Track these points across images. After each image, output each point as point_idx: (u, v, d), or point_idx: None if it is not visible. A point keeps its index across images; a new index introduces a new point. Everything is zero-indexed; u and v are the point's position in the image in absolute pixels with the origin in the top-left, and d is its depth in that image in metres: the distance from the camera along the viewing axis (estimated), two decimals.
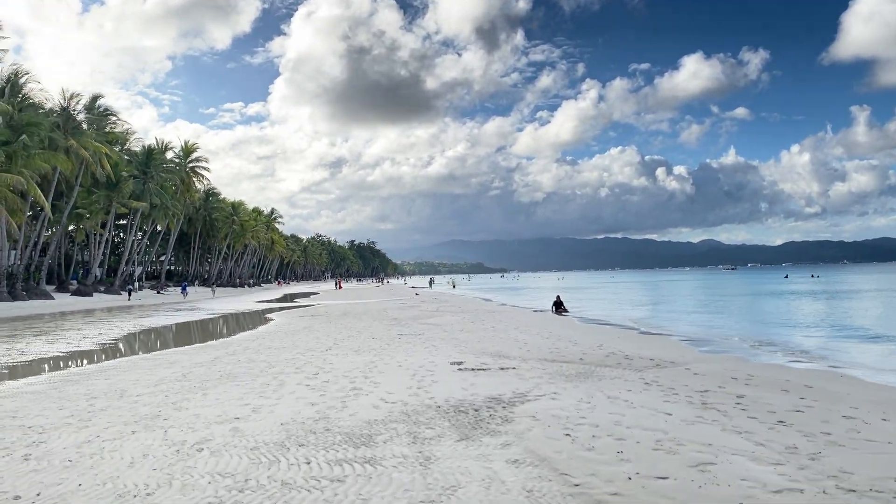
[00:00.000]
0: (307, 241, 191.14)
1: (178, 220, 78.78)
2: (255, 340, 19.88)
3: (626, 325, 26.20)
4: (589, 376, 11.93)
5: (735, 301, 46.67)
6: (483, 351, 15.72)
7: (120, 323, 30.02)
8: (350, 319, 28.47)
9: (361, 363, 13.81)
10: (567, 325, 24.09)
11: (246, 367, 13.55)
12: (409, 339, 18.84)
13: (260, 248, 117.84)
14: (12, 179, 38.71)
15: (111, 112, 57.63)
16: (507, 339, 18.34)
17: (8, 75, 44.89)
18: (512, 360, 14.16)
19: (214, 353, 16.70)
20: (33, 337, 23.05)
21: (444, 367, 13.02)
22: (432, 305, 39.70)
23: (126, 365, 14.89)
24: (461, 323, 24.86)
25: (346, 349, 16.62)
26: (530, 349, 15.95)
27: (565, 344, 17.08)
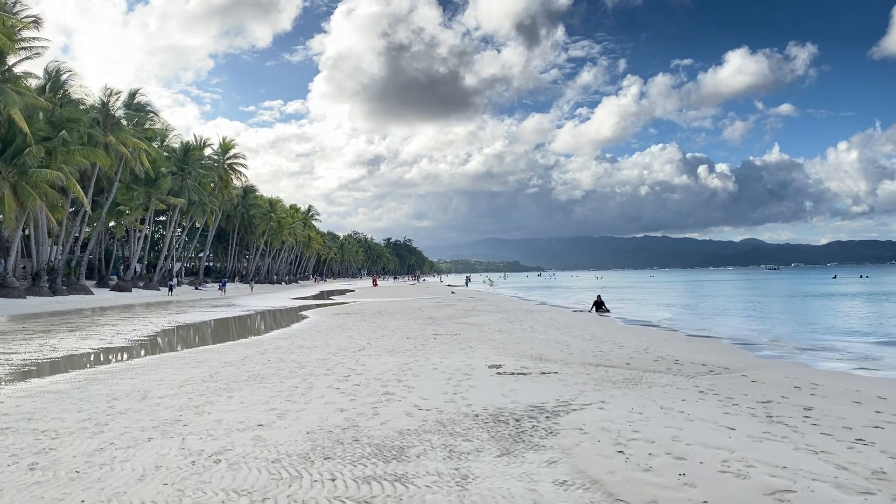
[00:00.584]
0: (344, 238, 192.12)
1: (216, 216, 79.33)
2: (287, 339, 19.41)
3: (670, 326, 25.17)
4: (637, 383, 11.12)
5: (783, 302, 45.04)
6: (522, 353, 14.97)
7: (155, 319, 29.94)
8: (385, 318, 27.93)
9: (395, 365, 13.18)
10: (609, 327, 23.17)
11: (275, 368, 13.02)
12: (444, 340, 18.17)
13: (297, 245, 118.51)
14: (52, 175, 39.05)
15: (150, 108, 58.02)
16: (548, 341, 17.55)
17: (49, 72, 45.39)
18: (553, 363, 13.38)
19: (245, 351, 16.23)
20: (68, 332, 22.95)
21: (481, 371, 12.32)
22: (468, 304, 39.00)
23: (154, 363, 14.48)
24: (498, 323, 24.11)
25: (380, 349, 16.01)
26: (573, 352, 15.15)
27: (609, 347, 16.23)
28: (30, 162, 38.42)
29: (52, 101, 43.39)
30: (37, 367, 14.48)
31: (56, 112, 43.12)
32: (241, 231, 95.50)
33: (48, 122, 42.57)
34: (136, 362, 14.95)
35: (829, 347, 17.93)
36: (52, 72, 45.36)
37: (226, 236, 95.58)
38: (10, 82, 37.03)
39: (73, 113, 44.39)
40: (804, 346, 18.00)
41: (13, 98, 35.93)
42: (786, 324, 26.97)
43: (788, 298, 50.60)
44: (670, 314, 33.05)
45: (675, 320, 28.47)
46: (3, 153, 38.92)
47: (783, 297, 53.73)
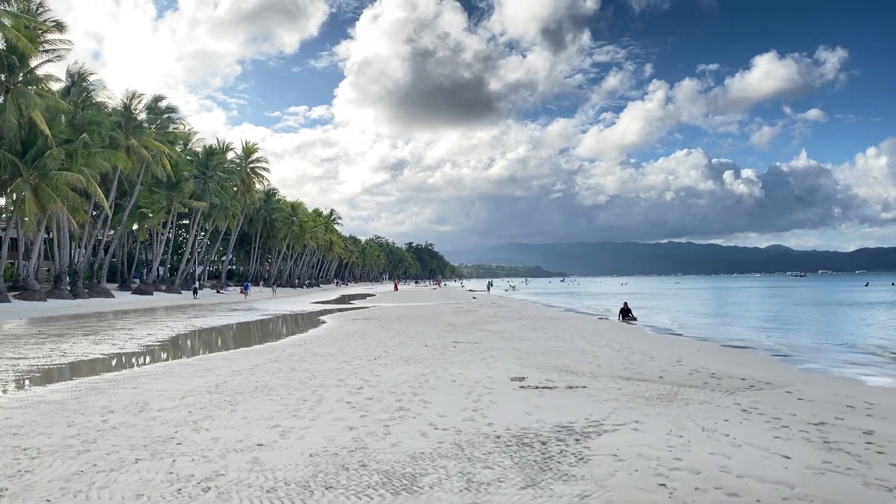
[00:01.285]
0: (365, 242, 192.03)
1: (238, 220, 79.27)
2: (301, 345, 18.74)
3: (701, 336, 24.13)
4: (673, 399, 10.24)
5: (816, 311, 43.60)
6: (547, 364, 14.12)
7: (173, 323, 29.49)
8: (404, 324, 27.19)
9: (411, 376, 12.41)
10: (638, 336, 22.20)
11: (285, 378, 12.31)
12: (464, 348, 17.37)
13: (319, 248, 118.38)
14: (72, 177, 38.91)
15: (173, 112, 57.99)
16: (574, 351, 16.67)
17: (72, 74, 45.41)
18: (581, 376, 12.53)
19: (256, 359, 15.57)
20: (82, 336, 22.52)
21: (503, 384, 11.51)
22: (490, 310, 38.15)
23: (161, 371, 13.87)
24: (521, 330, 23.25)
25: (396, 358, 15.26)
26: (601, 363, 14.27)
27: (640, 358, 15.32)
28: (51, 164, 38.33)
29: (75, 103, 43.34)
30: (41, 374, 13.94)
31: (78, 115, 43.07)
32: (263, 235, 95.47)
33: (70, 124, 42.54)
34: (143, 370, 14.34)
35: (873, 361, 16.84)
36: (74, 74, 45.37)
37: (248, 240, 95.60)
38: (32, 84, 36.94)
39: (95, 116, 44.34)
40: (848, 359, 16.91)
41: (35, 100, 35.84)
42: (823, 334, 25.78)
43: (822, 307, 49.07)
44: (700, 323, 31.93)
45: (705, 329, 27.40)
46: (24, 155, 38.86)
47: (816, 305, 52.16)
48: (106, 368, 14.87)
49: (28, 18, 36.32)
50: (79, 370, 14.57)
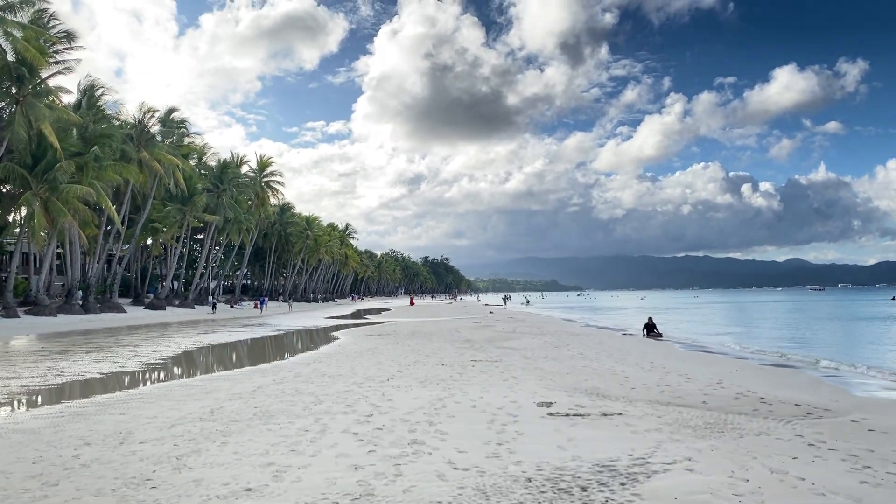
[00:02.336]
0: (381, 256, 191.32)
1: (253, 234, 78.66)
2: (310, 364, 17.63)
3: (734, 352, 22.79)
4: (723, 430, 9.00)
5: (845, 326, 41.96)
6: (575, 387, 12.91)
7: (181, 339, 28.53)
8: (419, 340, 26.04)
9: (427, 401, 11.25)
10: (668, 354, 20.88)
11: (288, 403, 11.19)
12: (483, 368, 16.18)
13: (334, 263, 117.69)
14: (82, 191, 38.26)
15: (185, 125, 57.48)
16: (602, 371, 15.43)
17: (84, 88, 44.96)
18: (614, 401, 11.31)
19: (260, 379, 14.47)
20: (84, 354, 21.58)
21: (529, 410, 10.31)
22: (508, 325, 36.89)
23: (156, 394, 12.81)
24: (543, 347, 22.00)
25: (411, 379, 14.10)
26: (634, 386, 13.03)
27: (676, 379, 14.06)
28: (60, 177, 37.72)
29: (86, 116, 42.82)
30: (28, 397, 12.94)
31: (89, 128, 42.52)
32: (278, 249, 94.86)
33: (80, 137, 41.98)
34: (137, 392, 13.29)
35: None
36: (86, 88, 44.91)
37: (263, 254, 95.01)
38: (42, 97, 36.39)
39: (106, 129, 43.79)
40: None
41: (44, 112, 35.26)
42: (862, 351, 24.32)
43: (850, 322, 47.34)
44: (727, 339, 30.49)
45: (736, 345, 26.00)
46: (34, 168, 38.29)
47: (843, 320, 50.39)
48: (99, 390, 13.84)
49: (38, 30, 35.83)
50: (69, 392, 13.55)
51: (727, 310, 78.58)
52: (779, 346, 26.22)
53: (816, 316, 56.75)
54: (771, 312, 67.82)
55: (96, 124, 43.39)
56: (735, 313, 67.98)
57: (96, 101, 45.36)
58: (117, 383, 14.96)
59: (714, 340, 29.02)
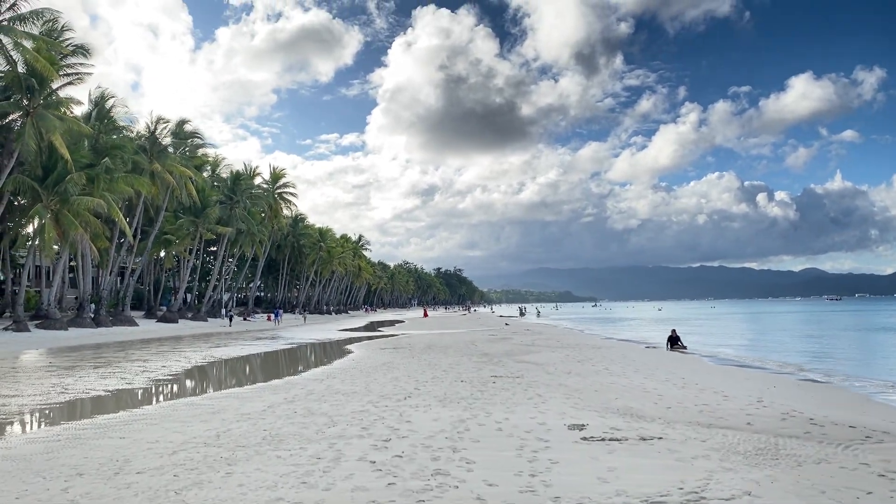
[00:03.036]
0: (394, 268, 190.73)
1: (265, 246, 78.26)
2: (324, 381, 16.88)
3: (764, 366, 21.82)
4: (777, 456, 8.15)
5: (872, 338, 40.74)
6: (606, 406, 12.07)
7: (192, 353, 27.90)
8: (435, 354, 25.24)
9: (448, 422, 10.46)
10: (697, 368, 19.97)
11: (299, 425, 10.43)
12: (505, 385, 15.35)
13: (347, 274, 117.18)
14: (93, 202, 37.80)
15: (197, 136, 57.10)
16: (632, 388, 14.56)
17: (95, 98, 44.67)
18: (651, 422, 10.47)
19: (271, 398, 13.74)
20: (92, 369, 20.95)
21: (560, 434, 9.50)
22: (526, 338, 36.01)
23: (160, 414, 12.10)
24: (565, 362, 21.13)
25: (430, 398, 13.31)
26: (670, 405, 12.17)
27: (712, 397, 13.18)
28: (71, 189, 37.29)
29: (97, 127, 42.51)
30: (27, 417, 12.28)
31: (100, 139, 42.18)
32: (291, 261, 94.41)
33: (92, 148, 41.62)
34: (141, 412, 12.58)
35: None
36: (97, 98, 44.62)
37: (276, 266, 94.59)
38: (52, 108, 36.05)
39: (118, 140, 43.45)
40: None
41: (54, 123, 34.87)
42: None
43: (875, 332, 46.06)
44: (753, 351, 29.50)
45: (764, 358, 25.02)
46: (44, 180, 37.93)
47: (867, 331, 49.08)
48: (102, 409, 13.16)
49: (49, 41, 35.54)
50: (70, 412, 12.88)
51: (746, 321, 77.22)
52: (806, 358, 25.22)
53: (838, 327, 55.43)
54: (790, 323, 66.49)
55: (107, 135, 43.02)
56: (754, 324, 66.68)
57: (108, 113, 45.04)
58: (121, 402, 14.28)
59: (739, 353, 28.04)
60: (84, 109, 44.39)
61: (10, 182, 36.14)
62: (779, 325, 63.69)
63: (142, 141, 48.61)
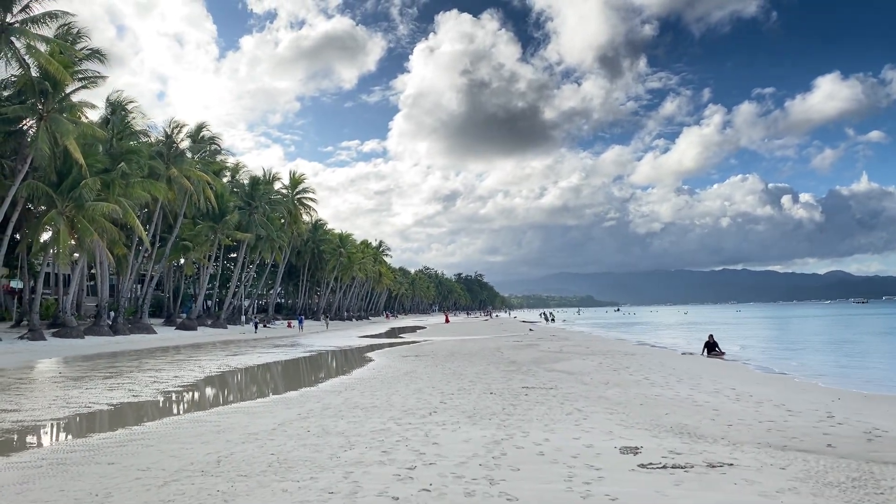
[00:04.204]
0: (415, 273, 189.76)
1: (285, 252, 77.49)
2: (342, 392, 15.67)
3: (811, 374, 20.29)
4: (880, 489, 6.79)
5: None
6: (657, 423, 10.72)
7: (207, 362, 26.87)
8: (459, 362, 23.96)
9: (481, 444, 9.17)
10: (746, 377, 18.48)
11: (312, 448, 9.20)
12: (539, 397, 14.04)
13: (367, 280, 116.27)
14: (108, 208, 37.01)
15: (216, 141, 56.30)
16: (682, 401, 13.18)
17: (112, 103, 44.01)
18: (713, 443, 9.12)
19: (283, 413, 12.55)
20: (101, 380, 19.95)
21: (612, 459, 8.18)
22: (554, 344, 34.59)
23: (161, 432, 10.95)
24: (600, 370, 19.75)
25: (458, 413, 12.04)
26: (730, 422, 10.79)
27: (774, 411, 11.77)
28: (86, 195, 36.53)
29: (113, 132, 41.80)
30: (16, 436, 11.19)
31: (115, 144, 41.46)
32: (311, 267, 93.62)
33: (107, 153, 40.89)
34: (140, 430, 11.43)
35: None
36: (113, 103, 43.94)
37: (296, 272, 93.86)
38: (66, 112, 35.35)
39: (134, 145, 42.73)
40: None
41: (68, 127, 34.13)
42: None
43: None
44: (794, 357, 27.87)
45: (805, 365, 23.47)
46: (59, 186, 37.23)
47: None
48: (99, 427, 12.06)
49: (63, 44, 34.86)
50: (64, 430, 11.80)
51: (775, 324, 75.03)
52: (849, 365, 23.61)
53: (872, 331, 53.34)
54: (821, 327, 64.38)
55: (123, 140, 42.30)
56: (785, 328, 64.64)
57: (124, 118, 44.34)
58: (123, 418, 13.18)
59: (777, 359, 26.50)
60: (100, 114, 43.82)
61: (25, 188, 35.46)
62: (810, 328, 61.63)
63: (158, 146, 47.92)
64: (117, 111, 44.03)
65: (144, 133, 46.06)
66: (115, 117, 43.54)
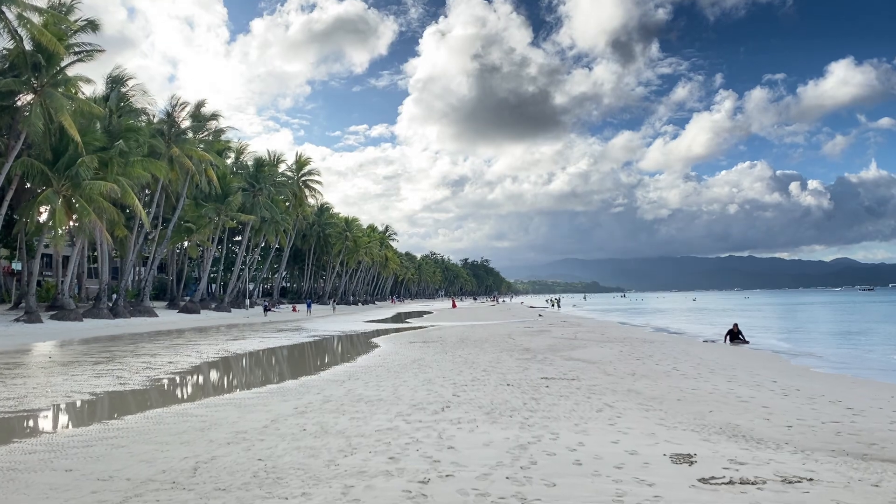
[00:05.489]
0: (421, 258, 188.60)
1: (290, 235, 76.24)
2: (344, 383, 14.37)
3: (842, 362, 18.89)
4: None
5: None
6: (703, 423, 9.37)
7: (206, 347, 25.63)
8: (470, 349, 22.64)
9: (504, 448, 7.84)
10: (783, 368, 17.06)
11: (306, 452, 7.89)
12: (562, 389, 12.71)
13: (374, 265, 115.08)
14: (106, 187, 35.70)
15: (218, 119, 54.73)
16: (724, 396, 11.81)
17: (112, 78, 42.55)
18: (777, 450, 7.76)
19: (279, 407, 11.26)
20: (91, 366, 18.75)
21: (665, 471, 6.83)
22: (567, 330, 33.25)
23: (139, 429, 9.65)
24: (622, 359, 18.39)
25: (473, 408, 10.71)
26: (788, 422, 9.42)
27: (835, 410, 10.39)
28: (83, 173, 35.22)
29: (112, 109, 40.39)
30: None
31: (114, 121, 40.07)
32: (316, 251, 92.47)
33: (105, 131, 39.52)
34: (117, 425, 10.13)
35: None
36: (113, 79, 42.50)
37: (302, 256, 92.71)
38: (61, 86, 33.99)
39: (133, 123, 41.33)
40: None
41: (62, 102, 32.80)
42: None
43: None
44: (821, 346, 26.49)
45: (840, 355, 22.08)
46: (55, 164, 35.93)
47: None
48: (73, 421, 10.83)
49: (57, 15, 33.44)
50: (32, 426, 10.53)
51: (787, 311, 73.48)
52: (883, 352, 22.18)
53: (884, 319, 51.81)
54: (834, 314, 62.91)
55: (122, 118, 40.90)
56: (798, 315, 63.15)
57: (124, 95, 42.92)
58: (102, 410, 11.91)
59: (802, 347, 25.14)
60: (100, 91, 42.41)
61: (19, 165, 34.21)
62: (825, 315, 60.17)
63: (159, 124, 46.52)
64: (117, 88, 42.65)
65: (144, 111, 44.59)
66: (115, 94, 42.18)
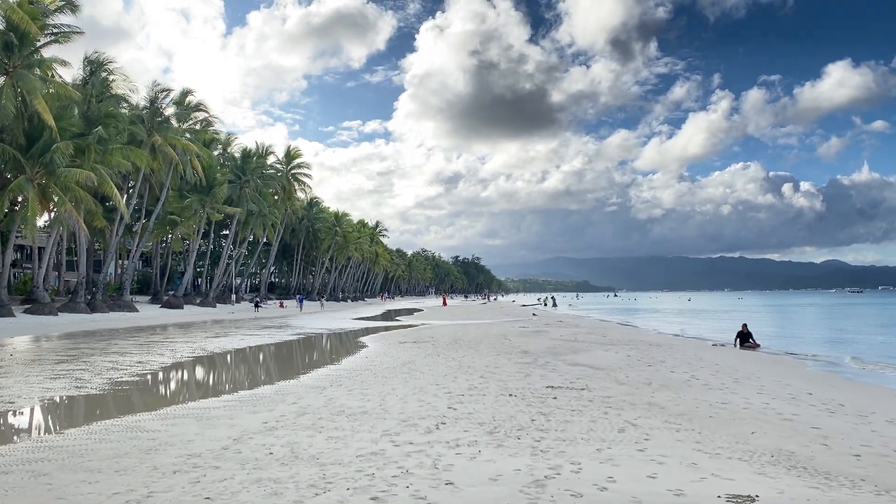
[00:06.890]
0: (412, 255, 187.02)
1: (278, 229, 74.47)
2: (326, 390, 12.79)
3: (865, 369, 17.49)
4: None
5: None
6: (749, 449, 7.83)
7: (182, 345, 23.99)
8: (464, 350, 21.09)
9: (515, 485, 6.27)
10: (812, 378, 15.51)
11: (268, 487, 6.29)
12: (572, 402, 11.17)
13: (364, 261, 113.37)
14: (82, 175, 33.89)
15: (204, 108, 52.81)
16: (762, 413, 10.27)
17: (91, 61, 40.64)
18: (855, 489, 6.24)
19: (246, 420, 9.66)
20: (52, 365, 17.13)
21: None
22: (565, 331, 31.74)
23: (72, 450, 8.03)
24: (631, 365, 16.86)
25: (473, 425, 9.15)
26: (852, 448, 7.89)
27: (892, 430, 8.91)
28: (58, 160, 33.44)
29: (90, 94, 38.54)
30: None
31: (92, 106, 38.24)
32: (305, 246, 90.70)
33: (83, 117, 37.70)
34: (50, 442, 8.50)
35: None
36: (91, 62, 40.61)
37: (290, 251, 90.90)
38: (35, 67, 32.19)
39: (112, 109, 39.50)
40: None
41: (35, 84, 31.02)
42: None
43: None
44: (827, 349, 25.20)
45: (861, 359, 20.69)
46: (28, 150, 34.12)
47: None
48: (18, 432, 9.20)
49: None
50: None
51: (785, 313, 72.38)
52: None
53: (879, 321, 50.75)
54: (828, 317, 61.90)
55: (102, 104, 39.06)
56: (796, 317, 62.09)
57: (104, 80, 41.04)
58: (41, 422, 10.31)
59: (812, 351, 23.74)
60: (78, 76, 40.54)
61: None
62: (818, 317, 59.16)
63: (141, 111, 44.67)
64: (97, 72, 40.79)
65: (126, 98, 42.67)
66: (95, 79, 40.33)
